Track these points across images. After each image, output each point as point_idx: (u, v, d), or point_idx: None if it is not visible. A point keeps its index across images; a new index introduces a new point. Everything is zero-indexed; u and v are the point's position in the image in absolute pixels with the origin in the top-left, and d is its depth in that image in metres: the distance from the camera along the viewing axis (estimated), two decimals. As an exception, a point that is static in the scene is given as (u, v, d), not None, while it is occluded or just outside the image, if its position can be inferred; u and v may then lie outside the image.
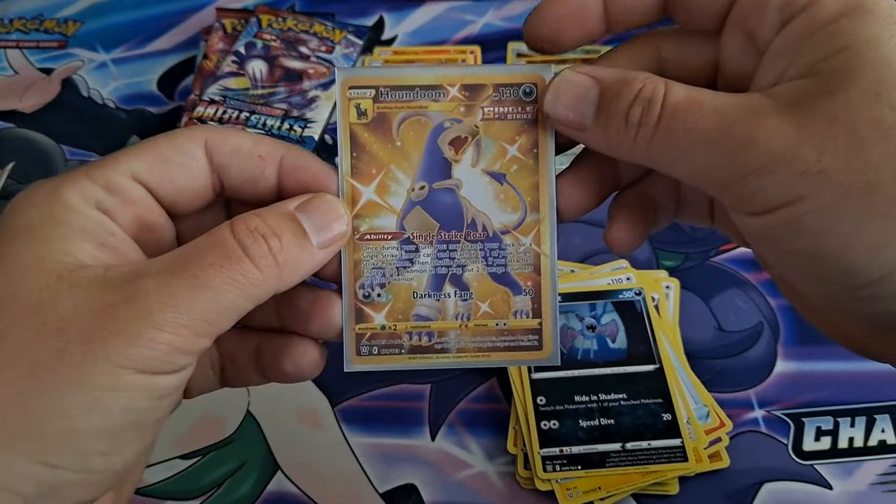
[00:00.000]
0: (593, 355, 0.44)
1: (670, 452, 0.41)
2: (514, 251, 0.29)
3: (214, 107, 0.52)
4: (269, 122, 0.52)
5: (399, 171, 0.29)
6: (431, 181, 0.29)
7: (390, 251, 0.29)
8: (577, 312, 0.46)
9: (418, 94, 0.29)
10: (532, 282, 0.30)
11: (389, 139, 0.29)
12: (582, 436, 0.41)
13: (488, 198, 0.29)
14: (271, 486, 0.42)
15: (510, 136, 0.29)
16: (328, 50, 0.57)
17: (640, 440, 0.41)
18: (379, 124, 0.29)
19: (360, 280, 0.29)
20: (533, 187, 0.29)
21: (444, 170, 0.29)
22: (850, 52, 0.19)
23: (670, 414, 0.42)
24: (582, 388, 0.43)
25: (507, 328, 0.30)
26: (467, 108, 0.29)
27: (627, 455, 0.40)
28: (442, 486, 0.41)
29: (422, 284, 0.29)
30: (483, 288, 0.30)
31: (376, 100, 0.29)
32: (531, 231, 0.29)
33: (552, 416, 0.42)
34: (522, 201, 0.29)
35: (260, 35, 0.57)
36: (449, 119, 0.29)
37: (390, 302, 0.29)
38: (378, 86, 0.29)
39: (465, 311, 0.30)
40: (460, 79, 0.28)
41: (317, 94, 0.55)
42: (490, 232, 0.29)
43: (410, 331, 0.30)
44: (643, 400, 0.42)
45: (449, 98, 0.29)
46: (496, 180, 0.29)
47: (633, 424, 0.41)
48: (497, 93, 0.28)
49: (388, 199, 0.29)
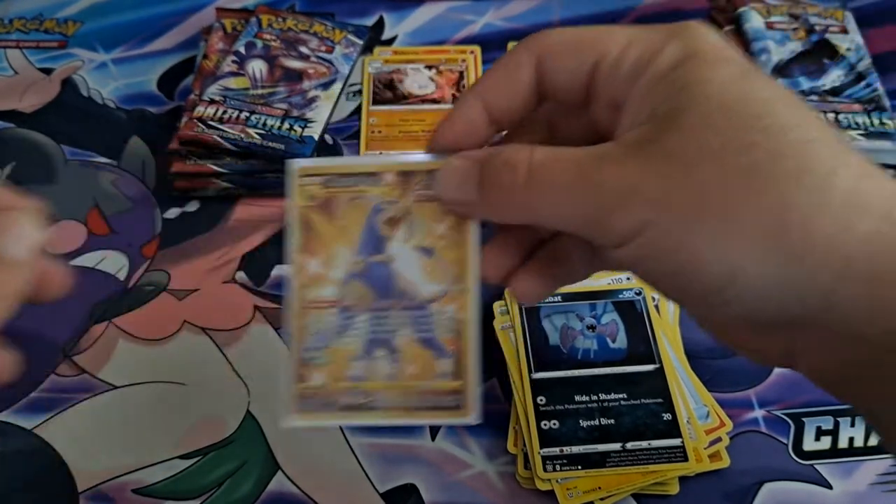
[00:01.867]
0: (593, 355, 0.44)
1: (670, 452, 0.41)
2: (439, 318, 0.32)
3: (214, 107, 0.52)
4: (269, 121, 0.52)
5: (341, 246, 0.33)
6: (368, 255, 0.32)
7: (330, 318, 0.33)
8: (577, 312, 0.46)
9: (360, 180, 0.33)
10: (455, 346, 0.32)
11: (334, 219, 0.33)
12: (582, 436, 0.41)
13: (418, 270, 0.32)
14: (271, 485, 0.42)
15: (439, 216, 0.32)
16: (328, 50, 0.57)
17: (641, 440, 0.41)
18: (325, 207, 0.33)
19: (304, 344, 0.32)
20: (459, 261, 0.32)
21: (380, 245, 0.33)
22: (683, 94, 0.23)
23: (670, 414, 0.42)
24: (582, 387, 0.43)
25: (431, 389, 0.32)
26: (402, 191, 0.32)
27: (628, 455, 0.41)
28: (442, 485, 0.41)
29: (357, 348, 0.32)
30: (411, 351, 0.32)
31: (324, 185, 0.33)
32: (456, 300, 0.32)
33: (552, 415, 0.42)
34: (448, 273, 0.32)
35: (260, 35, 0.57)
36: (385, 201, 0.33)
37: (328, 364, 0.32)
38: (326, 174, 0.33)
39: (393, 372, 0.32)
40: (396, 167, 0.33)
41: (317, 93, 0.55)
42: (419, 301, 0.32)
43: (344, 390, 0.32)
44: (643, 400, 0.42)
45: (386, 183, 0.33)
46: (425, 254, 0.32)
47: (634, 424, 0.41)
48: (428, 177, 0.32)
49: (331, 271, 0.33)
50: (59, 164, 0.55)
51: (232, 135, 0.51)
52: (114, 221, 0.52)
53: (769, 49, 0.53)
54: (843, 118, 0.50)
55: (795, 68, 0.52)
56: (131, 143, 0.56)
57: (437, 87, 0.59)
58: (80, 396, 0.44)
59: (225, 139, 0.51)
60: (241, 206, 0.53)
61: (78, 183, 0.54)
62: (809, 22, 0.55)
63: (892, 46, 0.60)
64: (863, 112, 0.50)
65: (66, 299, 0.48)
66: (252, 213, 0.52)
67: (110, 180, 0.54)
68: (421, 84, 0.59)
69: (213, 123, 0.51)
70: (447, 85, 0.59)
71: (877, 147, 0.49)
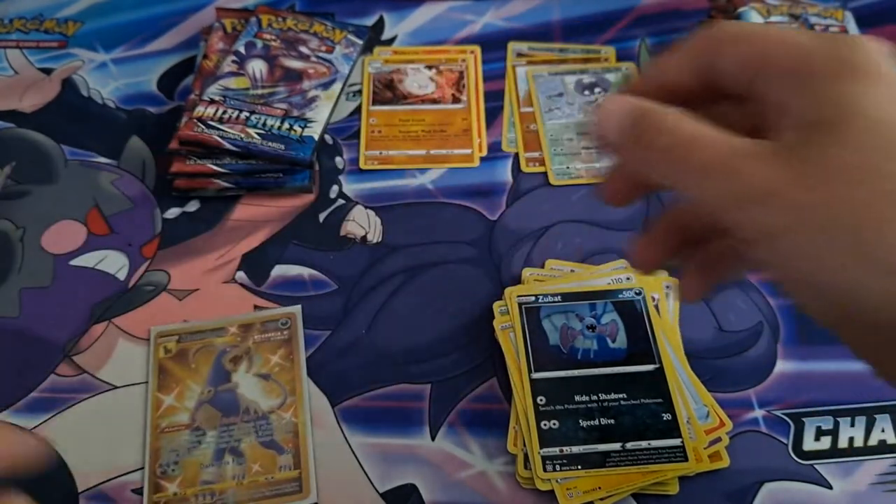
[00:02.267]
0: (593, 355, 0.44)
1: (670, 452, 0.41)
2: (278, 423, 0.42)
3: (214, 106, 0.52)
4: (270, 121, 0.52)
5: (193, 383, 0.43)
6: (216, 386, 0.43)
7: (183, 437, 0.41)
8: (577, 312, 0.46)
9: (208, 334, 0.45)
10: (292, 444, 0.41)
11: (187, 364, 0.44)
12: (582, 436, 0.41)
13: (259, 391, 0.43)
14: (271, 485, 0.42)
15: (273, 350, 0.44)
16: (328, 50, 0.57)
17: (641, 440, 0.41)
18: (180, 356, 0.44)
19: (159, 461, 0.41)
20: (291, 380, 0.43)
21: (226, 378, 0.43)
22: (841, 108, 0.23)
23: (670, 414, 0.42)
24: (582, 387, 0.43)
25: (274, 480, 0.40)
26: (243, 338, 0.44)
27: (627, 455, 0.41)
28: (442, 485, 0.41)
29: (207, 458, 0.41)
30: (254, 453, 0.41)
31: (178, 342, 0.44)
32: (291, 408, 0.42)
33: (552, 415, 0.42)
34: (283, 390, 0.43)
35: (260, 35, 0.57)
36: (229, 345, 0.44)
37: (181, 474, 0.40)
38: (179, 333, 0.45)
39: (240, 472, 0.40)
40: (237, 321, 0.45)
41: (317, 93, 0.55)
42: (260, 413, 0.42)
43: (197, 493, 0.40)
44: (643, 400, 0.42)
45: (229, 334, 0.45)
46: (264, 379, 0.43)
47: (633, 424, 0.41)
48: (263, 326, 0.45)
49: (184, 402, 0.42)
50: (59, 163, 0.55)
51: (232, 135, 0.51)
52: (114, 221, 0.52)
53: (769, 49, 0.53)
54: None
55: (795, 68, 0.52)
56: (131, 143, 0.56)
57: (436, 86, 0.59)
58: (80, 396, 0.44)
59: (225, 139, 0.51)
60: (240, 206, 0.53)
61: (78, 183, 0.54)
62: (809, 22, 0.55)
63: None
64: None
65: (66, 299, 0.49)
66: (252, 213, 0.52)
67: (110, 180, 0.54)
68: (421, 84, 0.59)
69: (213, 123, 0.51)
70: (447, 85, 0.59)
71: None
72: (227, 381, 0.43)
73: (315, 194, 0.53)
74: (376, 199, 0.53)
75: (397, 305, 0.48)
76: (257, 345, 0.44)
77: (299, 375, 0.43)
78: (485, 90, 0.59)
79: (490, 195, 0.53)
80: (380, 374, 0.45)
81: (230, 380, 0.43)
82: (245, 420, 0.42)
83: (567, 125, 0.56)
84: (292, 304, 0.48)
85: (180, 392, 0.43)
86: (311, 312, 0.48)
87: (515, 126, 0.57)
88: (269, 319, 0.44)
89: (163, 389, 0.43)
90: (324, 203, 0.53)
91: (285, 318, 0.45)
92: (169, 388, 0.43)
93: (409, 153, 0.55)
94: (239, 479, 0.40)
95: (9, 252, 0.50)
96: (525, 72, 0.60)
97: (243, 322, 0.45)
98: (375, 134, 0.56)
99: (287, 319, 0.45)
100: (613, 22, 0.63)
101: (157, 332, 0.44)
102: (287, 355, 0.44)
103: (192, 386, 0.43)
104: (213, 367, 0.43)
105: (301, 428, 0.41)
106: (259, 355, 0.44)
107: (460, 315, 0.48)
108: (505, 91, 0.59)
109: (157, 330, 0.44)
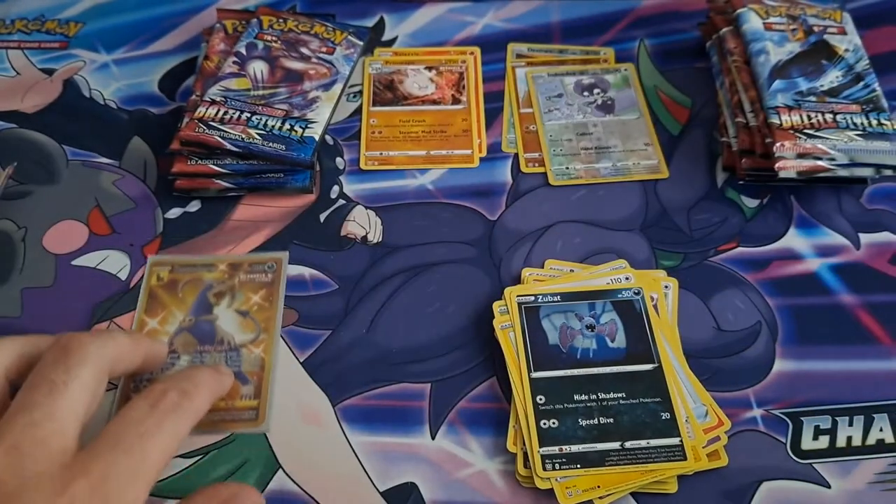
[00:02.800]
0: (592, 354, 0.44)
1: (669, 451, 0.41)
2: (247, 357, 0.44)
3: (216, 107, 0.52)
4: (270, 122, 0.52)
5: (177, 311, 0.46)
6: (198, 316, 0.46)
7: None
8: (576, 312, 0.46)
9: (199, 269, 0.48)
10: (257, 377, 0.44)
11: (175, 293, 0.47)
12: (581, 434, 0.41)
13: (235, 325, 0.46)
14: (272, 484, 0.42)
15: (255, 290, 0.47)
16: (329, 51, 0.57)
17: (639, 439, 0.41)
18: (170, 286, 0.47)
19: (134, 377, 0.43)
20: (266, 319, 0.46)
21: (207, 309, 0.46)
22: None
23: (669, 413, 0.42)
24: (581, 387, 0.43)
25: (234, 407, 0.42)
26: (230, 275, 0.47)
27: (626, 454, 0.41)
28: (442, 484, 0.42)
29: None
30: None
31: (171, 272, 0.48)
32: (261, 344, 0.45)
33: (552, 414, 0.42)
34: (258, 327, 0.45)
35: (261, 36, 0.58)
36: (217, 281, 0.47)
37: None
38: (173, 264, 0.48)
39: None
40: (227, 260, 0.48)
41: (318, 94, 0.55)
42: (233, 345, 0.45)
43: None
44: (642, 399, 0.43)
45: (218, 271, 0.48)
46: (242, 315, 0.46)
47: (632, 423, 0.42)
48: (251, 267, 0.48)
49: (166, 327, 0.45)
50: (61, 164, 0.55)
51: (233, 135, 0.51)
52: (115, 221, 0.52)
53: (768, 50, 0.53)
54: (841, 119, 0.50)
55: (794, 69, 0.53)
56: (133, 144, 0.56)
57: (437, 87, 0.59)
58: (82, 395, 0.45)
59: (226, 140, 0.51)
60: (242, 207, 0.53)
61: (79, 183, 0.54)
62: (808, 23, 0.55)
63: (891, 47, 0.61)
64: (861, 113, 0.50)
65: (68, 299, 0.49)
66: (253, 214, 0.52)
67: (112, 181, 0.54)
68: (421, 85, 0.59)
69: (215, 124, 0.51)
70: (447, 86, 0.59)
71: (875, 148, 0.49)
72: (209, 312, 0.46)
73: (316, 195, 0.53)
74: (377, 199, 0.53)
75: (397, 305, 0.48)
76: (242, 283, 0.47)
77: (274, 316, 0.46)
78: (484, 91, 0.59)
79: (490, 195, 0.53)
80: (380, 374, 0.46)
81: (211, 312, 0.46)
82: (218, 350, 0.45)
83: (566, 126, 0.57)
84: (293, 304, 0.48)
85: (164, 318, 0.46)
86: (312, 312, 0.48)
87: (515, 127, 0.57)
88: (257, 262, 0.48)
89: (149, 313, 0.46)
90: (324, 203, 0.53)
91: (272, 262, 0.48)
92: (155, 312, 0.46)
93: (410, 154, 0.56)
94: None
95: (10, 252, 0.50)
96: (525, 73, 0.60)
97: (233, 262, 0.48)
98: (376, 135, 0.57)
99: (273, 264, 0.48)
100: (612, 23, 0.63)
101: (153, 261, 0.48)
102: (267, 296, 0.47)
103: (176, 313, 0.46)
104: (198, 298, 0.46)
105: (267, 364, 0.44)
106: (241, 293, 0.47)
107: (460, 315, 0.48)
108: (505, 92, 0.59)
109: (153, 259, 0.48)
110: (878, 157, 0.49)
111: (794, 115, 0.50)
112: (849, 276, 0.49)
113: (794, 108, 0.50)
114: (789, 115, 0.50)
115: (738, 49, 0.55)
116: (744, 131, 0.52)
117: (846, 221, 0.52)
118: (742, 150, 0.52)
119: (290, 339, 0.47)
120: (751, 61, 0.54)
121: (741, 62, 0.54)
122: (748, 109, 0.52)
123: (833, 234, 0.51)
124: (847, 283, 0.48)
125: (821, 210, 0.52)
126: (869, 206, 0.53)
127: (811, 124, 0.49)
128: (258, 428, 0.42)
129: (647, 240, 0.51)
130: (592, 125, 0.57)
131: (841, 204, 0.53)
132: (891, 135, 0.49)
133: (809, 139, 0.49)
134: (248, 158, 0.51)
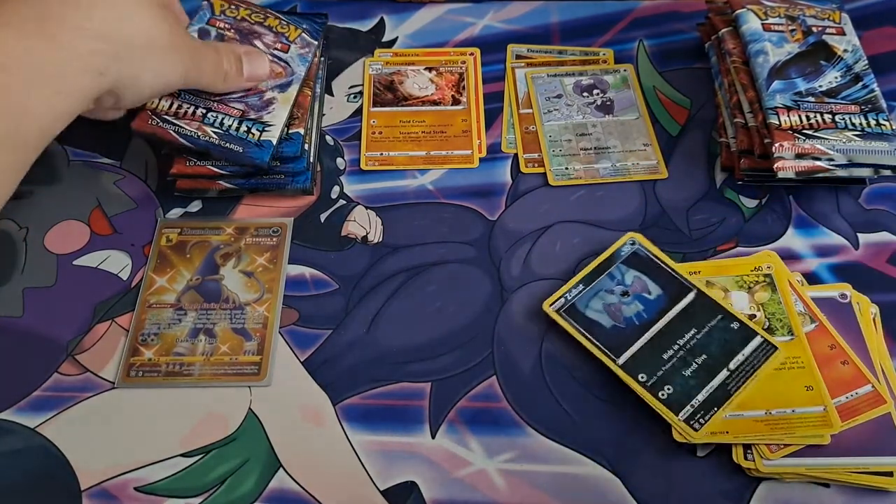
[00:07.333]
0: (646, 314, 0.45)
1: (762, 352, 0.43)
2: (251, 315, 0.47)
3: (169, 100, 0.49)
4: (227, 121, 0.49)
5: (185, 270, 0.49)
6: (204, 275, 0.48)
7: (167, 314, 0.47)
8: (604, 289, 0.47)
9: (207, 231, 0.50)
10: (260, 333, 0.46)
11: (183, 254, 0.49)
12: (694, 382, 0.43)
13: (240, 285, 0.48)
14: (273, 483, 0.42)
15: (261, 252, 0.50)
16: (283, 48, 0.54)
17: (735, 355, 0.43)
18: (179, 247, 0.50)
19: (142, 331, 0.46)
20: (270, 280, 0.49)
21: (214, 270, 0.49)
22: None
23: (736, 322, 0.44)
24: (661, 346, 0.44)
25: (238, 362, 0.45)
26: (236, 239, 0.50)
27: (737, 373, 0.43)
28: (442, 483, 0.42)
29: (183, 334, 0.46)
30: (225, 336, 0.46)
31: (181, 234, 0.50)
32: (265, 304, 0.47)
33: (661, 383, 0.43)
34: (262, 287, 0.48)
35: (213, 22, 0.54)
36: (224, 243, 0.50)
37: (159, 344, 0.46)
38: (182, 226, 0.51)
39: (210, 350, 0.46)
40: (234, 224, 0.51)
41: (273, 95, 0.52)
42: (237, 304, 0.47)
43: (168, 362, 0.45)
44: (709, 323, 0.44)
45: (225, 234, 0.50)
46: (247, 276, 0.49)
47: (720, 347, 0.44)
48: (256, 231, 0.51)
49: (174, 285, 0.48)
50: (62, 164, 0.55)
51: (188, 131, 0.49)
52: (116, 221, 0.52)
53: (766, 51, 0.53)
54: (840, 119, 0.50)
55: (792, 70, 0.53)
56: (134, 144, 0.56)
57: (437, 88, 0.59)
58: (83, 395, 0.45)
59: (180, 135, 0.49)
60: (242, 206, 0.53)
61: (81, 183, 0.54)
62: (807, 23, 0.56)
63: (889, 48, 0.61)
64: (859, 113, 0.50)
65: (70, 299, 0.49)
66: (254, 214, 0.53)
67: (113, 181, 0.54)
68: (421, 85, 0.60)
69: (168, 117, 0.49)
70: (447, 86, 0.59)
71: (873, 148, 0.49)
72: (215, 272, 0.48)
73: (316, 195, 0.54)
74: (377, 199, 0.53)
75: (398, 305, 0.49)
76: (248, 246, 0.50)
77: (278, 277, 0.49)
78: (484, 92, 0.59)
79: (490, 196, 0.54)
80: (380, 373, 0.46)
81: (218, 272, 0.48)
82: (223, 308, 0.47)
83: (566, 126, 0.57)
84: (294, 304, 0.48)
85: (172, 276, 0.48)
86: (313, 312, 0.48)
87: (515, 127, 0.57)
88: (262, 226, 0.51)
89: (158, 272, 0.49)
90: (325, 203, 0.53)
91: (277, 227, 0.51)
92: (164, 271, 0.49)
93: (410, 154, 0.56)
94: (207, 356, 0.46)
95: (12, 252, 0.51)
96: (524, 74, 0.60)
97: (240, 225, 0.51)
98: (376, 135, 0.57)
99: (278, 228, 0.51)
100: (612, 24, 0.64)
101: (163, 224, 0.51)
102: (272, 259, 0.49)
103: (184, 272, 0.49)
104: (206, 259, 0.49)
105: (270, 322, 0.47)
106: (247, 255, 0.49)
107: (460, 315, 0.48)
108: (504, 93, 0.59)
109: (163, 221, 0.51)
110: (877, 158, 0.49)
111: (792, 115, 0.50)
112: (847, 276, 0.49)
113: (792, 109, 0.50)
114: (788, 115, 0.50)
115: (737, 50, 0.55)
116: (742, 132, 0.52)
117: (845, 221, 0.52)
118: (741, 150, 0.52)
119: (290, 339, 0.47)
120: (750, 62, 0.54)
121: (740, 63, 0.54)
122: (747, 110, 0.52)
123: (832, 234, 0.51)
124: (846, 282, 0.49)
125: (819, 210, 0.53)
126: (867, 207, 0.53)
127: (810, 125, 0.50)
128: (261, 382, 0.44)
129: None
130: (592, 126, 0.57)
131: (839, 204, 0.53)
132: (889, 135, 0.50)
133: (808, 139, 0.49)
134: (206, 157, 0.50)
